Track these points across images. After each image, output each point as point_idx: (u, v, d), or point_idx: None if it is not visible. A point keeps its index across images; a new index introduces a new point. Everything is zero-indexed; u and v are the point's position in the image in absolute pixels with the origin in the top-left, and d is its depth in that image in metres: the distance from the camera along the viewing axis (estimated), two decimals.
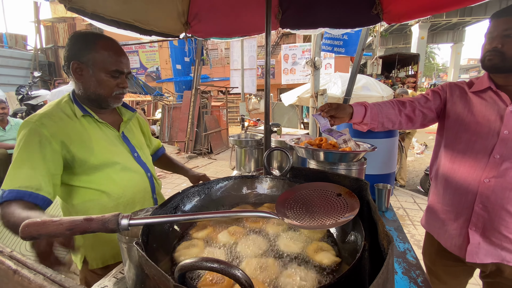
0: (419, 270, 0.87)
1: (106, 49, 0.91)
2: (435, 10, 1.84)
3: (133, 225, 0.50)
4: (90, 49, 0.89)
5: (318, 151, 1.17)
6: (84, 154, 0.89)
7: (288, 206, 0.64)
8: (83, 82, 0.92)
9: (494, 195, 1.00)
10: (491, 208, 1.02)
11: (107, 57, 0.91)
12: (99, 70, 0.90)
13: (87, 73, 0.90)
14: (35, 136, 0.82)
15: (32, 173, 0.80)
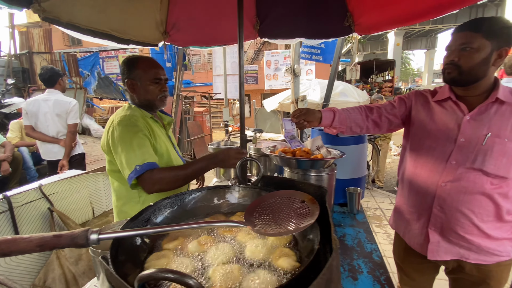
0: (383, 269, 0.93)
1: (145, 64, 1.22)
2: (399, 23, 1.98)
3: (102, 239, 0.52)
4: (134, 68, 1.20)
5: (291, 159, 1.23)
6: (156, 144, 1.18)
7: (256, 214, 0.68)
8: (136, 93, 1.22)
9: (450, 198, 1.08)
10: (447, 210, 1.10)
11: (147, 71, 1.21)
12: (145, 81, 1.21)
13: (137, 86, 1.21)
14: (135, 127, 1.11)
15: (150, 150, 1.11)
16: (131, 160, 1.06)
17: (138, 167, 1.04)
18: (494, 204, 1.03)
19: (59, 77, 2.73)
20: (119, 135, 1.10)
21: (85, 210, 1.71)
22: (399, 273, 1.43)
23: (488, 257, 1.09)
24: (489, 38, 0.97)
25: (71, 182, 1.60)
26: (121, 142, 1.09)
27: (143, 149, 1.09)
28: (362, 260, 0.98)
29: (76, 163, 2.77)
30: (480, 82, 1.04)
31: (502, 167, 1.00)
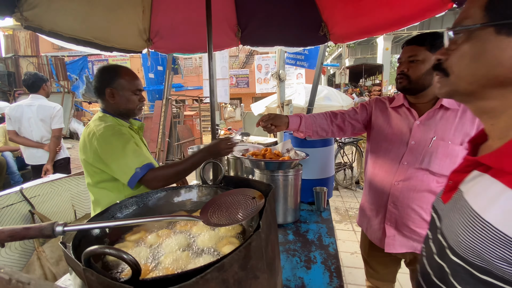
0: (335, 259, 1.03)
1: (128, 75, 1.27)
2: (368, 34, 2.13)
3: (67, 231, 0.60)
4: (117, 77, 1.24)
5: (259, 161, 1.32)
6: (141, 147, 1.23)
7: (212, 210, 0.77)
8: (116, 102, 1.25)
9: (401, 196, 1.21)
10: (400, 206, 1.22)
11: (129, 81, 1.26)
12: (126, 91, 1.26)
13: (118, 95, 1.25)
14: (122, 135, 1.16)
15: (142, 153, 1.17)
16: (129, 165, 1.11)
17: (138, 170, 1.10)
18: None
19: (43, 83, 2.76)
20: (108, 145, 1.13)
21: (67, 213, 1.77)
22: (365, 267, 1.54)
23: None
24: (432, 50, 1.09)
25: (52, 185, 1.66)
26: (113, 151, 1.13)
27: (138, 153, 1.15)
28: (318, 252, 1.08)
29: (60, 167, 2.81)
30: (427, 90, 1.15)
31: (445, 167, 1.11)
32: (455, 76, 0.52)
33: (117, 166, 1.13)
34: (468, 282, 0.48)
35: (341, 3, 2.00)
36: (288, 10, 2.29)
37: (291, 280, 0.91)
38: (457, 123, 1.11)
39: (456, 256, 0.50)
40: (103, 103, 1.29)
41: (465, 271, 0.49)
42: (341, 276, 0.92)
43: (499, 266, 0.44)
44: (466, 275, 0.49)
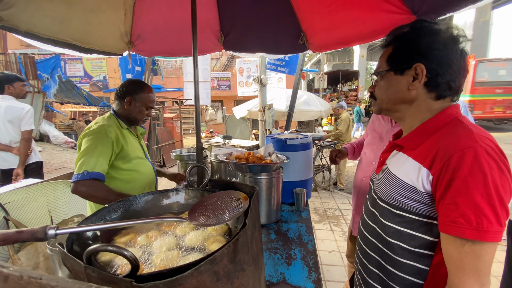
0: (313, 255, 1.11)
1: (149, 93, 1.49)
2: (344, 45, 2.27)
3: (59, 234, 0.62)
4: (141, 92, 1.46)
5: (242, 165, 1.38)
6: (128, 150, 1.40)
7: (199, 211, 0.82)
8: (130, 109, 1.46)
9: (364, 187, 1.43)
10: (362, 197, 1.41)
11: (148, 98, 1.48)
12: (142, 105, 1.47)
13: (134, 105, 1.46)
14: (106, 137, 1.31)
15: (104, 162, 1.29)
16: (85, 163, 1.24)
17: (85, 172, 1.23)
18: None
19: (6, 83, 2.58)
20: (89, 138, 1.30)
21: (43, 219, 1.71)
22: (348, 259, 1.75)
23: None
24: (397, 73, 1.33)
25: (28, 190, 1.60)
26: (87, 145, 1.28)
27: (100, 159, 1.27)
28: (298, 249, 1.16)
29: (32, 172, 2.66)
30: None
31: None
32: (378, 99, 0.87)
33: (78, 159, 1.28)
34: (389, 217, 0.78)
35: (318, 15, 2.12)
36: (270, 19, 2.39)
37: (273, 275, 0.97)
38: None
39: (382, 202, 0.81)
40: (117, 105, 1.49)
41: (387, 211, 0.79)
42: (318, 270, 1.00)
43: (405, 202, 0.74)
44: (388, 212, 0.79)
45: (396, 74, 0.80)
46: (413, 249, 0.74)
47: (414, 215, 0.73)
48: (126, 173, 1.41)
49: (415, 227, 0.73)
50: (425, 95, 0.77)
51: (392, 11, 1.78)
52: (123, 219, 0.84)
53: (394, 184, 0.77)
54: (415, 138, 0.77)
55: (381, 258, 0.81)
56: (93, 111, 10.95)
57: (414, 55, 0.76)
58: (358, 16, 1.93)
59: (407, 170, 0.74)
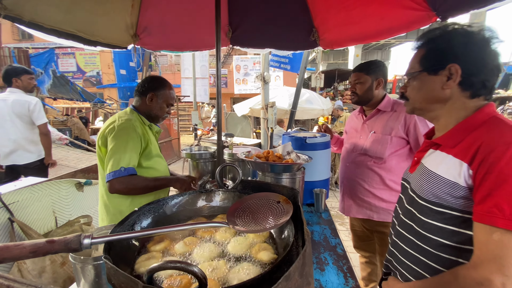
0: (345, 260, 1.06)
1: (170, 89, 1.47)
2: (358, 41, 2.23)
3: (95, 243, 0.55)
4: (163, 88, 1.43)
5: (265, 164, 1.32)
6: (151, 147, 1.37)
7: (237, 215, 0.75)
8: (151, 105, 1.41)
9: (350, 172, 1.63)
10: (351, 181, 1.63)
11: (169, 95, 1.45)
12: (163, 102, 1.43)
13: (156, 101, 1.41)
14: (134, 132, 1.29)
15: (136, 157, 1.28)
16: (120, 160, 1.21)
17: (123, 169, 1.20)
18: (377, 175, 1.52)
19: (14, 76, 2.51)
20: (118, 133, 1.26)
21: (48, 220, 1.62)
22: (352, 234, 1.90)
23: (386, 216, 1.52)
24: (369, 74, 1.54)
25: (32, 190, 1.50)
26: (118, 141, 1.24)
27: (133, 154, 1.26)
28: (327, 253, 1.11)
29: (36, 169, 2.54)
30: (372, 101, 1.58)
31: (378, 151, 1.51)
32: (411, 100, 0.89)
33: (111, 156, 1.23)
34: (429, 214, 0.78)
35: (334, 10, 2.06)
36: (281, 14, 2.32)
37: None
38: (387, 120, 1.51)
39: (422, 200, 0.81)
40: (138, 102, 1.44)
41: (427, 208, 0.79)
42: (355, 276, 0.96)
43: (446, 198, 0.74)
44: (428, 210, 0.79)
45: (430, 74, 0.82)
46: (455, 245, 0.74)
47: (455, 211, 0.73)
48: (145, 170, 1.35)
49: (456, 223, 0.74)
50: (460, 94, 0.79)
51: (412, 7, 1.73)
52: (153, 223, 0.77)
53: (434, 181, 0.78)
54: (454, 136, 0.79)
55: (421, 254, 0.81)
56: (86, 107, 10.67)
57: (448, 56, 0.78)
58: (376, 12, 1.88)
59: (448, 167, 0.75)
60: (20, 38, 13.02)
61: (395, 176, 1.50)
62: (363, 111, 1.67)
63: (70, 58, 14.10)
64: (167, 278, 0.55)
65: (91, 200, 1.93)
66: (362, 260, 1.87)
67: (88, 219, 1.73)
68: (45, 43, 9.09)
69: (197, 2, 2.22)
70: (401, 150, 1.48)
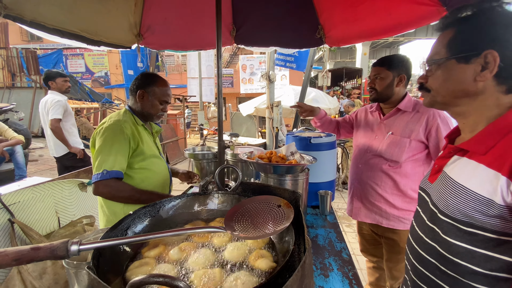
0: (351, 266, 1.01)
1: (163, 86, 1.38)
2: (365, 38, 2.16)
3: (83, 250, 0.52)
4: (153, 85, 1.35)
5: (267, 165, 1.28)
6: (143, 147, 1.32)
7: (236, 219, 0.72)
8: (142, 103, 1.36)
9: (362, 175, 1.53)
10: (362, 183, 1.53)
11: (161, 91, 1.37)
12: (155, 99, 1.36)
13: (146, 99, 1.36)
14: (121, 133, 1.23)
15: (123, 160, 1.23)
16: (103, 162, 1.18)
17: (105, 172, 1.17)
18: (391, 179, 1.44)
19: (50, 79, 2.88)
20: (104, 136, 1.23)
21: (50, 220, 1.61)
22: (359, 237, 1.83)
23: (396, 223, 1.45)
24: (391, 69, 1.43)
25: (34, 190, 1.50)
26: (103, 143, 1.22)
27: (118, 157, 1.21)
28: (332, 259, 1.06)
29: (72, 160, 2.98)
30: (391, 98, 1.47)
31: (394, 154, 1.41)
32: (433, 91, 0.75)
33: (95, 158, 1.22)
34: (457, 235, 0.66)
35: (340, 7, 2.01)
36: (286, 11, 2.27)
37: None
38: (408, 121, 1.41)
39: (446, 217, 0.68)
40: (131, 101, 1.41)
41: (454, 227, 0.66)
42: (360, 283, 0.91)
43: (478, 217, 0.62)
44: (454, 229, 0.66)
45: (460, 62, 0.68)
46: (488, 273, 0.62)
47: (490, 232, 0.61)
48: (139, 171, 1.33)
49: (490, 247, 0.62)
50: (494, 87, 0.66)
51: (421, 2, 1.66)
52: (149, 227, 0.74)
53: (462, 196, 0.64)
54: (484, 140, 0.65)
55: (445, 282, 0.69)
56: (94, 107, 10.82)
57: (483, 40, 0.64)
58: (384, 7, 1.81)
59: (481, 180, 0.62)
60: (29, 39, 13.27)
61: (410, 182, 1.41)
62: (380, 109, 1.56)
63: (79, 59, 14.32)
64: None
65: (94, 200, 1.92)
66: (369, 265, 1.80)
67: (91, 219, 1.72)
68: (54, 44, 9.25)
69: (200, 1, 2.19)
70: (419, 155, 1.39)
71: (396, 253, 1.49)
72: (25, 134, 3.79)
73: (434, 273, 0.71)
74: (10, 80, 5.84)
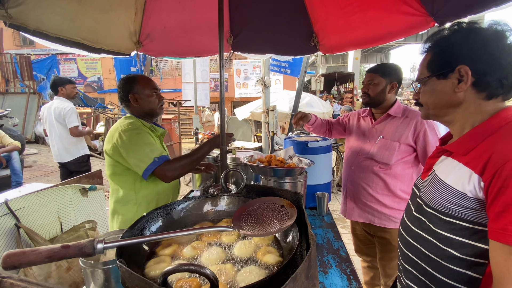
0: (348, 263, 1.08)
1: (144, 81, 1.41)
2: (357, 46, 2.26)
3: (107, 247, 0.57)
4: (136, 84, 1.38)
5: (267, 168, 1.34)
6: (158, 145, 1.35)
7: (243, 219, 0.77)
8: (140, 105, 1.39)
9: (355, 176, 1.60)
10: (355, 184, 1.60)
11: (146, 86, 1.40)
12: (147, 95, 1.39)
13: (140, 99, 1.38)
14: (142, 130, 1.32)
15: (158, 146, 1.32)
16: (148, 155, 1.23)
17: (156, 159, 1.23)
18: (382, 180, 1.51)
19: (60, 85, 2.95)
20: (129, 138, 1.26)
21: (53, 225, 1.63)
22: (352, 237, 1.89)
23: (387, 222, 1.52)
24: (384, 76, 1.51)
25: (38, 196, 1.52)
26: (132, 144, 1.26)
27: (154, 146, 1.29)
28: (330, 256, 1.12)
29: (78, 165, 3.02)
30: (382, 105, 1.55)
31: (385, 157, 1.49)
32: (424, 106, 0.85)
33: (134, 156, 1.24)
34: (438, 224, 0.75)
35: (334, 16, 2.10)
36: (281, 20, 2.35)
37: None
38: (398, 126, 1.50)
39: (430, 208, 0.78)
40: (128, 108, 1.43)
41: (436, 217, 0.76)
42: (358, 279, 0.97)
43: (455, 209, 0.71)
44: (436, 219, 0.76)
45: (439, 78, 0.78)
46: (465, 257, 0.71)
47: (465, 222, 0.70)
48: None
49: (467, 235, 0.70)
50: (475, 95, 0.74)
51: (410, 13, 1.76)
52: (162, 228, 0.79)
53: (443, 190, 0.74)
54: (466, 143, 0.74)
55: (428, 265, 0.79)
56: (87, 112, 10.72)
57: (455, 57, 0.74)
58: (375, 17, 1.91)
59: (458, 177, 0.71)
60: (21, 44, 13.12)
61: (400, 183, 1.49)
62: (371, 114, 1.65)
63: (71, 64, 14.19)
64: (177, 281, 0.57)
65: (95, 205, 1.95)
66: (364, 265, 1.87)
67: (92, 224, 1.75)
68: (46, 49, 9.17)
69: (199, 9, 2.26)
70: (407, 157, 1.48)
71: (388, 251, 1.56)
72: (19, 140, 3.76)
73: (419, 257, 0.81)
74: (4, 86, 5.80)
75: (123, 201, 1.36)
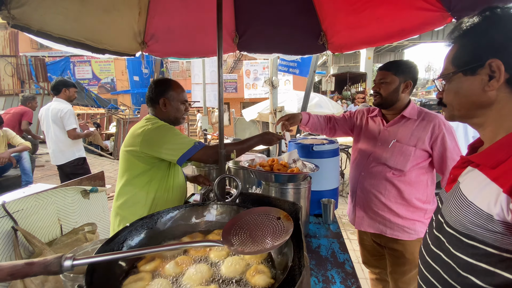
0: (354, 278, 0.99)
1: (178, 88, 1.44)
2: (367, 44, 2.15)
3: (76, 265, 0.52)
4: (170, 89, 1.40)
5: (268, 173, 1.27)
6: None
7: (234, 232, 0.70)
8: (168, 110, 1.41)
9: (366, 183, 1.47)
10: (365, 192, 1.47)
11: (179, 93, 1.43)
12: (177, 102, 1.42)
13: (169, 105, 1.40)
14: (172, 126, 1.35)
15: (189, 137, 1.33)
16: (186, 141, 1.27)
17: (197, 143, 1.27)
18: (395, 188, 1.39)
19: (65, 87, 2.95)
20: (163, 129, 1.29)
21: (52, 228, 1.62)
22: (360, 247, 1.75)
23: (400, 233, 1.41)
24: (397, 74, 1.38)
25: (37, 198, 1.51)
26: (168, 132, 1.29)
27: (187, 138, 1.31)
28: (335, 271, 1.03)
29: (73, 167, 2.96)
30: (395, 105, 1.42)
31: (399, 162, 1.37)
32: (449, 106, 0.74)
33: (172, 142, 1.26)
34: (459, 247, 0.64)
35: (343, 13, 2.00)
36: (288, 18, 2.28)
37: None
38: (413, 129, 1.37)
39: (450, 228, 0.68)
40: (154, 110, 1.44)
41: (456, 239, 0.65)
42: None
43: (478, 231, 0.60)
44: (457, 241, 0.65)
45: (466, 75, 0.67)
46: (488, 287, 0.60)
47: (490, 247, 0.59)
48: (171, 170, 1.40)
49: (492, 262, 0.59)
50: (509, 95, 0.63)
51: (425, 8, 1.64)
52: (146, 239, 0.73)
53: (465, 209, 0.63)
54: (496, 153, 0.62)
55: None
56: (100, 113, 10.97)
57: (485, 50, 0.63)
58: (386, 14, 1.80)
59: (483, 194, 0.60)
60: (38, 47, 13.58)
61: (415, 190, 1.38)
62: (382, 115, 1.51)
63: (86, 66, 14.59)
64: None
65: (97, 207, 1.93)
66: (372, 276, 1.75)
67: (93, 227, 1.72)
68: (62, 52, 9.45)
69: (203, 9, 2.21)
70: (423, 163, 1.36)
71: (401, 264, 1.44)
72: (32, 140, 3.84)
73: (438, 281, 0.71)
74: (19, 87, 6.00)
75: (131, 202, 1.33)
